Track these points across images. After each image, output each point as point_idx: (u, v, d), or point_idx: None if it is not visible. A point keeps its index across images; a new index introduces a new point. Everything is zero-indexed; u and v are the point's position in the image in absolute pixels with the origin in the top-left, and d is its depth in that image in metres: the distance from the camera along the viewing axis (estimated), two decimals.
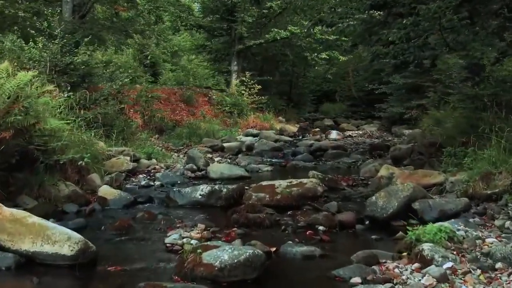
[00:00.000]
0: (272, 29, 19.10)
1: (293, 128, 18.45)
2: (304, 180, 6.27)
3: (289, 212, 5.46)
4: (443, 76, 12.16)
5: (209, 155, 10.58)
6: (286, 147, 13.11)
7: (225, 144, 11.91)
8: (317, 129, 18.35)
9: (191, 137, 12.30)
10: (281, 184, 6.22)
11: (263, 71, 22.90)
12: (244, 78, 18.72)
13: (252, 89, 18.54)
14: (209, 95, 18.48)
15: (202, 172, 8.44)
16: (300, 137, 16.14)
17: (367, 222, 5.40)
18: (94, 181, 7.06)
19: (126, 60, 18.50)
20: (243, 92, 18.48)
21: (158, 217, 5.45)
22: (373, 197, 5.55)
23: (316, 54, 19.98)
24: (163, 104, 16.29)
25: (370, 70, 25.39)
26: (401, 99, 18.87)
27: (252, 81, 18.61)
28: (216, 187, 6.31)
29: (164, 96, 17.14)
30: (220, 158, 10.46)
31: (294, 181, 6.25)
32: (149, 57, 17.31)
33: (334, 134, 16.41)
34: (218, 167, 8.44)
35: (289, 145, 13.84)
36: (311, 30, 18.03)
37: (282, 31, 18.92)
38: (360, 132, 18.05)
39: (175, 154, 10.40)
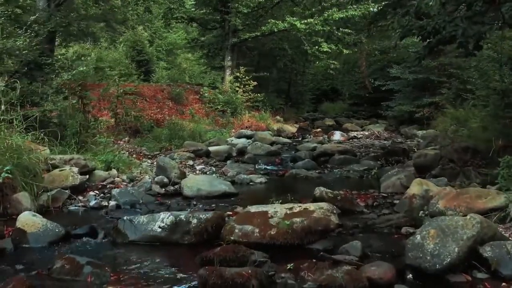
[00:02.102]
0: (269, 20, 17.19)
1: (291, 128, 16.65)
2: (311, 207, 4.30)
3: (289, 266, 3.43)
4: (471, 67, 10.42)
5: (190, 162, 8.65)
6: (284, 151, 11.31)
7: (211, 148, 9.96)
8: (319, 129, 16.66)
9: (172, 140, 10.32)
10: (277, 211, 4.27)
11: (259, 67, 21.21)
12: (238, 74, 16.81)
13: (247, 86, 16.72)
14: (201, 93, 16.65)
15: (175, 186, 6.48)
16: (300, 139, 14.33)
17: (409, 277, 3.48)
18: (20, 203, 5.18)
19: (118, 57, 17.11)
20: (237, 89, 16.60)
21: (85, 269, 3.46)
22: (417, 236, 3.63)
23: (316, 47, 18.01)
24: (148, 102, 14.53)
25: (375, 65, 23.61)
26: (410, 96, 17.24)
27: (247, 78, 16.73)
28: (183, 216, 4.34)
29: (149, 93, 15.43)
30: (204, 166, 8.50)
31: (297, 207, 4.30)
32: (121, 45, 15.43)
33: (337, 135, 14.86)
34: (195, 181, 6.42)
35: (287, 148, 12.03)
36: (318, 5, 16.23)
37: (280, 22, 17.03)
38: (366, 133, 16.29)
39: (148, 161, 8.41)
